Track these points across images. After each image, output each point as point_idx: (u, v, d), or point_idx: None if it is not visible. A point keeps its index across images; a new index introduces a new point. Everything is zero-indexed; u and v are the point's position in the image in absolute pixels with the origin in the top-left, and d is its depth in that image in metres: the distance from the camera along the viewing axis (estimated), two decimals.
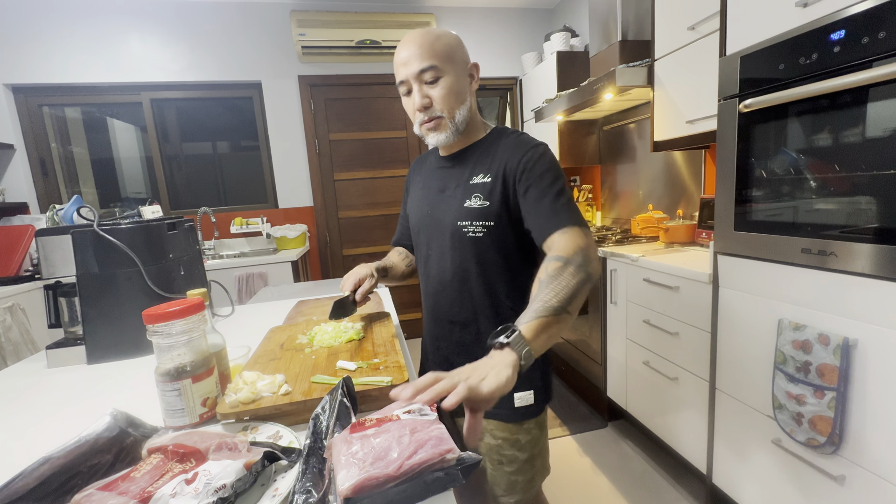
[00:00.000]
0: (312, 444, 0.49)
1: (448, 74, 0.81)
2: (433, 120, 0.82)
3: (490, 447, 0.89)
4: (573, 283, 0.65)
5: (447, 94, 0.81)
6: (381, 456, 0.43)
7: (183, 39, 2.78)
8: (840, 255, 0.98)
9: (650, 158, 2.36)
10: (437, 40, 0.80)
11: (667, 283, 1.56)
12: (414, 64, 0.79)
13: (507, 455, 0.88)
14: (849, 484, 1.00)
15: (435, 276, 0.91)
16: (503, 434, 0.88)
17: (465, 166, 0.88)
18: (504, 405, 0.87)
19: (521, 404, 0.87)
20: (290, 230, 2.86)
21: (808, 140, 1.05)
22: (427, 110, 0.82)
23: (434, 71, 0.79)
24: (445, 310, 0.91)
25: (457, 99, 0.82)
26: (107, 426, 0.51)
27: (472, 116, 0.87)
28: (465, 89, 0.84)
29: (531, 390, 0.87)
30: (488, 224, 0.83)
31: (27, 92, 2.69)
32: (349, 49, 2.84)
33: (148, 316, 0.61)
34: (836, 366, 0.98)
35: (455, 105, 0.82)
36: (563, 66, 2.64)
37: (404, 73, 0.81)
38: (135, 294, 1.01)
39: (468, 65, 0.85)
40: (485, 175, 0.84)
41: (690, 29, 1.58)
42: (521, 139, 0.85)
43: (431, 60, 0.79)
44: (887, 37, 0.85)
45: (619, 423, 2.06)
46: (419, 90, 0.81)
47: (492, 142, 0.87)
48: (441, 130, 0.83)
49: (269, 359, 0.81)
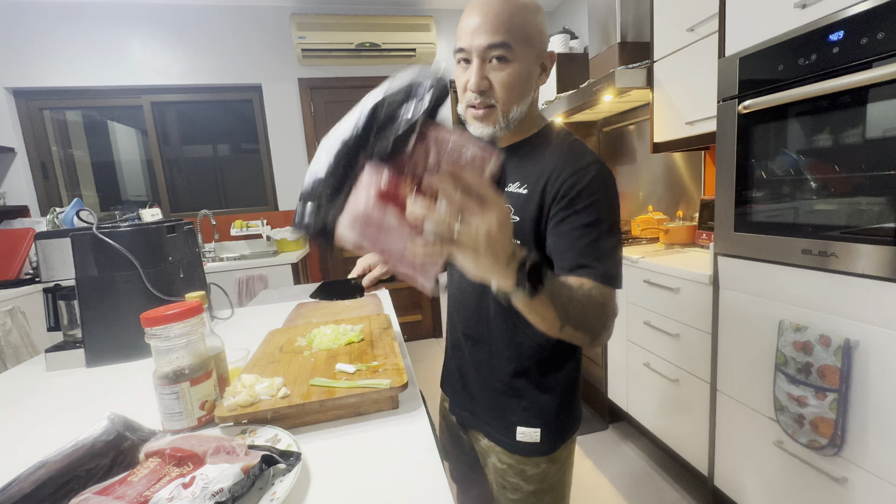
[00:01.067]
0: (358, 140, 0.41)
1: (519, 60, 0.66)
2: (484, 108, 0.68)
3: (496, 469, 0.81)
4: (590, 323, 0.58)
5: (511, 83, 0.67)
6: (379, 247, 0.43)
7: (183, 43, 2.79)
8: (840, 255, 0.97)
9: (650, 160, 2.36)
10: (520, 12, 0.65)
11: (667, 285, 1.56)
12: (483, 35, 0.64)
13: (511, 482, 0.80)
14: (851, 486, 1.00)
15: (455, 283, 0.85)
16: (508, 461, 0.79)
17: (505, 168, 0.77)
18: (505, 435, 0.78)
19: (524, 440, 0.77)
20: (290, 233, 2.86)
21: (808, 141, 1.05)
22: (483, 94, 0.68)
23: (505, 49, 0.65)
24: (461, 321, 0.84)
25: (520, 92, 0.68)
26: (104, 430, 0.51)
27: (528, 113, 0.73)
28: (532, 82, 0.70)
29: (538, 428, 0.76)
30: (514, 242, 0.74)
31: (28, 95, 2.70)
32: (349, 52, 2.85)
33: (146, 319, 0.61)
34: (838, 367, 0.97)
35: (515, 99, 0.68)
36: (562, 68, 2.64)
37: (468, 41, 0.66)
38: (134, 297, 1.01)
39: (544, 53, 0.70)
40: (521, 185, 0.71)
41: (689, 30, 1.58)
42: (572, 150, 0.70)
43: (506, 37, 0.64)
44: (886, 37, 0.85)
45: (620, 425, 2.06)
46: (479, 67, 0.66)
47: (537, 144, 0.74)
48: (488, 122, 0.69)
49: (268, 361, 0.81)
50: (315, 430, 0.65)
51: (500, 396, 0.79)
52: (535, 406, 0.76)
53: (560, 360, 0.77)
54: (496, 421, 0.80)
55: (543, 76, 0.72)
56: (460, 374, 0.86)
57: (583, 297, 0.58)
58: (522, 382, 0.77)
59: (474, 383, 0.82)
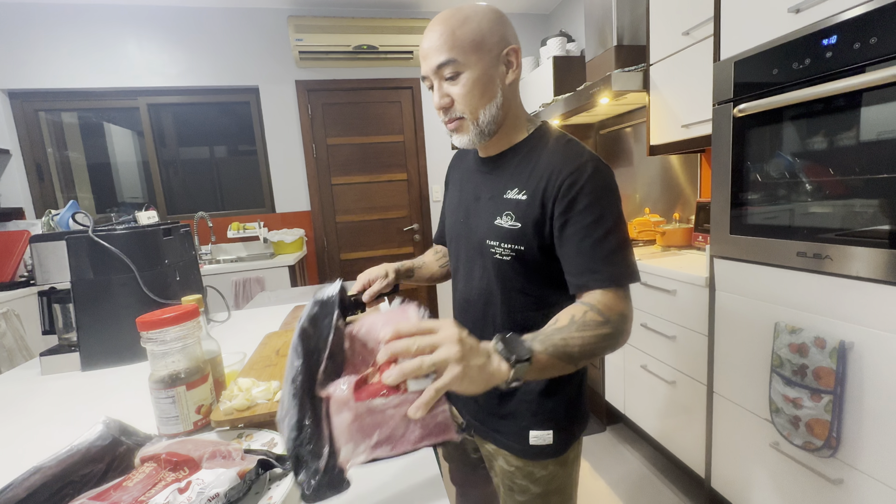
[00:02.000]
0: (305, 372, 0.44)
1: (471, 68, 0.68)
2: (454, 121, 0.71)
3: (504, 472, 0.81)
4: (600, 345, 0.59)
5: (469, 92, 0.69)
6: (386, 438, 0.43)
7: (180, 45, 2.79)
8: (835, 258, 0.98)
9: (647, 162, 2.38)
10: (462, 26, 0.67)
11: (664, 287, 1.56)
12: (432, 58, 0.68)
13: (519, 485, 0.79)
14: (846, 487, 1.00)
15: (461, 291, 0.84)
16: (517, 463, 0.79)
17: (502, 175, 0.76)
18: (516, 440, 0.78)
19: (537, 443, 0.77)
20: (288, 235, 2.85)
21: (803, 144, 1.06)
22: (447, 111, 0.71)
23: (453, 66, 0.67)
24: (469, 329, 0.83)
25: (481, 96, 0.69)
26: (99, 435, 0.50)
27: (506, 113, 0.73)
28: (495, 83, 0.70)
29: (551, 430, 0.77)
30: (517, 248, 0.72)
31: (23, 97, 2.69)
32: (346, 54, 2.85)
33: (142, 323, 0.61)
34: (833, 369, 0.98)
35: (479, 104, 0.69)
36: (559, 71, 2.66)
37: (424, 68, 0.70)
38: (130, 300, 1.01)
39: (504, 51, 0.70)
40: (520, 191, 0.71)
41: (685, 34, 1.59)
42: (568, 150, 0.70)
43: (450, 53, 0.67)
44: (879, 42, 0.86)
45: (617, 427, 2.06)
46: (438, 87, 0.70)
47: (532, 147, 0.74)
48: (463, 132, 0.72)
49: (265, 365, 0.81)
50: None
51: (510, 403, 0.78)
52: (545, 410, 0.77)
53: None
54: (505, 427, 0.79)
55: (511, 72, 0.72)
56: None
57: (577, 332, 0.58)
58: (532, 387, 0.76)
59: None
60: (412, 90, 3.18)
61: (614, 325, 0.61)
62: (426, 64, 0.70)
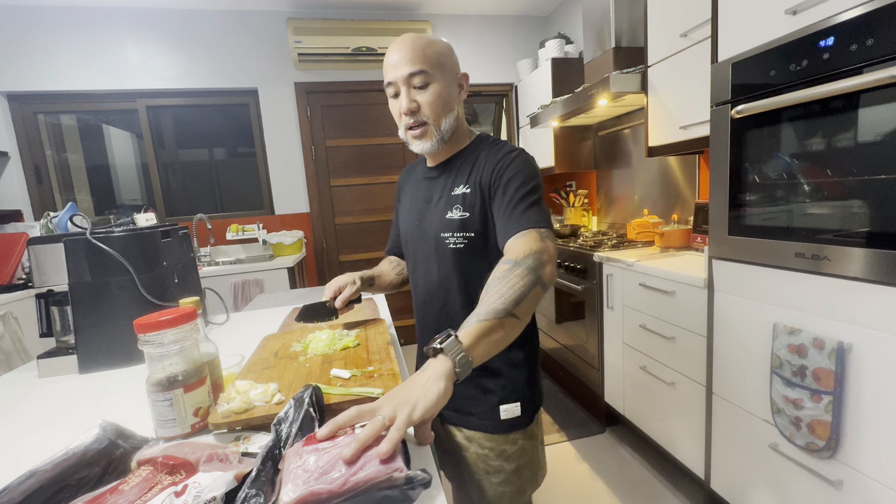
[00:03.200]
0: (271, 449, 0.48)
1: (437, 81, 0.80)
2: (419, 126, 0.81)
3: (477, 456, 0.87)
4: (520, 285, 0.64)
5: (435, 101, 0.80)
6: (327, 470, 0.43)
7: (179, 47, 2.79)
8: (833, 259, 0.98)
9: (645, 163, 2.38)
10: (430, 46, 0.79)
11: (663, 288, 1.56)
12: (404, 67, 0.78)
13: (494, 465, 0.86)
14: (846, 489, 1.00)
15: (422, 286, 0.91)
16: (489, 444, 0.86)
17: (449, 176, 0.87)
18: (489, 417, 0.85)
19: (508, 416, 0.85)
20: (287, 236, 2.85)
21: (801, 145, 1.06)
22: (413, 115, 0.81)
23: (424, 76, 0.78)
24: (432, 321, 0.90)
25: (444, 107, 0.81)
26: (95, 438, 0.50)
27: (457, 126, 0.86)
28: (454, 98, 0.83)
29: (518, 402, 0.85)
30: (468, 235, 0.82)
31: (22, 99, 2.69)
32: (345, 56, 2.85)
33: (139, 325, 0.60)
34: (832, 370, 0.98)
35: (442, 113, 0.81)
36: (557, 73, 2.66)
37: (393, 74, 0.79)
38: (128, 302, 1.01)
39: (458, 74, 0.85)
40: (465, 185, 0.83)
41: (683, 36, 1.60)
42: (498, 147, 0.84)
43: (422, 65, 0.78)
44: (876, 44, 0.87)
45: (616, 428, 2.06)
46: (407, 94, 0.80)
47: (473, 150, 0.87)
48: (426, 138, 0.82)
49: (263, 367, 0.81)
50: None
51: (480, 381, 0.85)
52: (511, 382, 0.85)
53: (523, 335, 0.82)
54: (478, 407, 0.86)
55: (462, 93, 0.86)
56: None
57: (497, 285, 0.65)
58: (497, 361, 0.83)
59: None
60: None
61: (525, 264, 0.67)
62: (396, 72, 0.79)
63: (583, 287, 2.05)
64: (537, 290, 0.66)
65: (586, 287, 2.03)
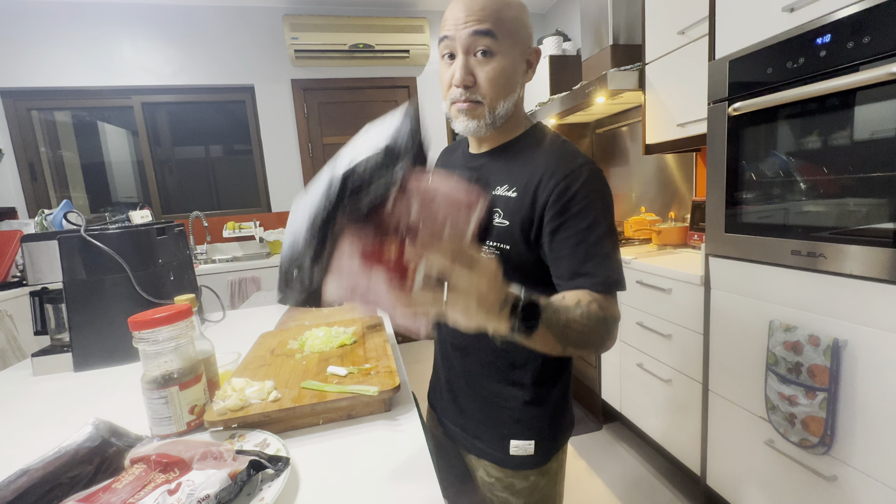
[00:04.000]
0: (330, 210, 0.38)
1: (505, 53, 0.65)
2: (470, 103, 0.66)
3: (484, 483, 0.78)
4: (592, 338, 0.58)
5: (496, 78, 0.64)
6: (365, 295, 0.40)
7: (175, 43, 2.77)
8: (829, 256, 0.99)
9: (642, 161, 2.38)
10: (506, 6, 0.64)
11: (659, 286, 1.56)
12: (470, 22, 0.62)
13: (500, 497, 0.77)
14: (840, 484, 1.01)
15: None
16: (497, 474, 0.76)
17: (495, 169, 0.72)
18: (498, 448, 0.75)
19: (518, 453, 0.74)
20: (284, 234, 2.84)
21: (797, 143, 1.06)
22: (468, 89, 0.65)
23: (491, 40, 0.63)
24: (450, 333, 0.79)
25: (506, 86, 0.66)
26: (88, 436, 0.50)
27: (516, 110, 0.71)
28: (518, 78, 0.68)
29: (533, 441, 0.74)
30: (503, 247, 0.68)
31: (16, 96, 2.66)
32: (342, 53, 2.84)
33: (134, 323, 0.60)
34: (827, 367, 0.98)
35: (502, 94, 0.66)
36: (555, 70, 2.66)
37: (453, 28, 0.64)
38: (123, 300, 1.00)
39: (530, 49, 0.69)
40: (510, 188, 0.68)
41: (680, 33, 1.59)
42: (564, 151, 0.68)
43: (493, 25, 0.63)
44: (872, 41, 0.87)
45: (614, 425, 2.06)
46: (464, 61, 0.64)
47: (527, 145, 0.71)
48: (475, 118, 0.67)
49: (259, 365, 0.80)
50: (306, 433, 0.64)
51: (492, 408, 0.76)
52: (527, 417, 0.74)
53: (553, 369, 0.75)
54: (487, 434, 0.77)
55: (530, 73, 0.70)
56: (449, 386, 0.82)
57: (581, 318, 0.56)
58: (515, 392, 0.74)
59: (464, 396, 0.79)
60: (408, 89, 3.17)
61: (608, 324, 0.59)
62: (457, 26, 0.63)
63: None
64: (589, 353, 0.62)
65: None
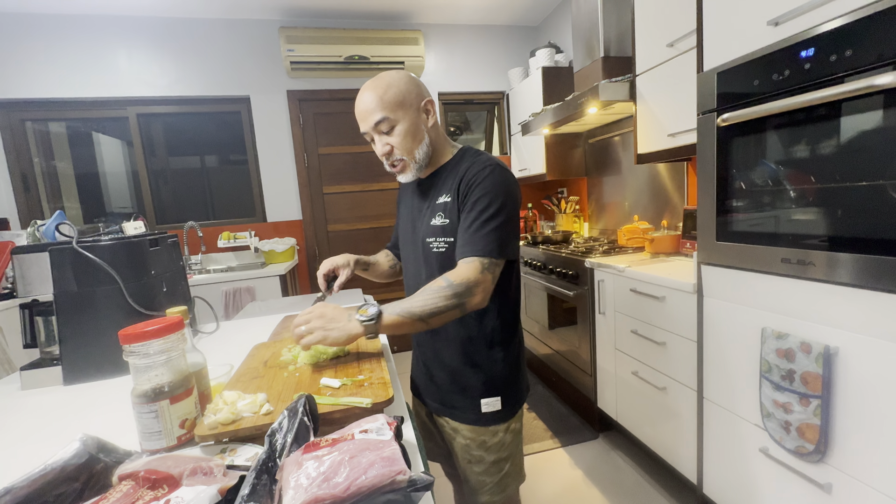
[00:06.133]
0: (265, 461, 0.47)
1: (401, 121, 0.87)
2: (397, 163, 0.91)
3: (461, 446, 0.95)
4: (443, 304, 0.79)
5: (403, 140, 0.88)
6: (329, 476, 0.43)
7: (171, 54, 2.78)
8: (818, 264, 1.00)
9: (635, 170, 2.41)
10: (387, 91, 0.86)
11: (653, 294, 1.57)
12: (369, 118, 0.87)
13: (475, 455, 0.94)
14: (836, 492, 1.01)
15: (412, 287, 0.99)
16: (471, 435, 0.94)
17: (435, 187, 0.96)
18: (471, 410, 0.94)
19: (488, 410, 0.93)
20: (279, 244, 2.83)
21: (785, 153, 1.08)
22: (389, 156, 0.90)
23: (387, 122, 0.87)
24: None
25: (413, 140, 0.89)
26: (75, 452, 0.49)
27: (434, 147, 0.94)
28: (421, 129, 0.90)
29: (498, 397, 0.94)
30: (448, 240, 0.90)
31: (10, 107, 2.66)
32: (338, 64, 2.86)
33: (124, 336, 0.60)
34: (819, 374, 0.99)
35: (413, 146, 0.89)
36: (548, 81, 2.69)
37: (362, 125, 0.90)
38: (114, 312, 0.99)
39: (422, 103, 0.91)
40: (447, 194, 0.91)
41: (669, 46, 1.63)
42: (477, 159, 0.90)
43: (383, 112, 0.86)
44: (854, 54, 0.89)
45: (610, 434, 2.05)
46: (379, 140, 0.89)
47: (456, 163, 0.95)
48: (406, 171, 0.93)
49: (252, 377, 0.80)
50: None
51: (463, 375, 0.94)
52: (492, 377, 0.94)
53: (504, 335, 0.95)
54: (462, 401, 0.95)
55: (431, 118, 0.92)
56: (426, 367, 1.01)
57: (428, 295, 0.79)
58: (478, 357, 0.93)
59: (438, 371, 0.97)
60: None
61: (456, 289, 0.79)
62: (364, 123, 0.89)
63: (574, 293, 2.05)
64: (454, 312, 0.80)
65: (578, 293, 2.04)
